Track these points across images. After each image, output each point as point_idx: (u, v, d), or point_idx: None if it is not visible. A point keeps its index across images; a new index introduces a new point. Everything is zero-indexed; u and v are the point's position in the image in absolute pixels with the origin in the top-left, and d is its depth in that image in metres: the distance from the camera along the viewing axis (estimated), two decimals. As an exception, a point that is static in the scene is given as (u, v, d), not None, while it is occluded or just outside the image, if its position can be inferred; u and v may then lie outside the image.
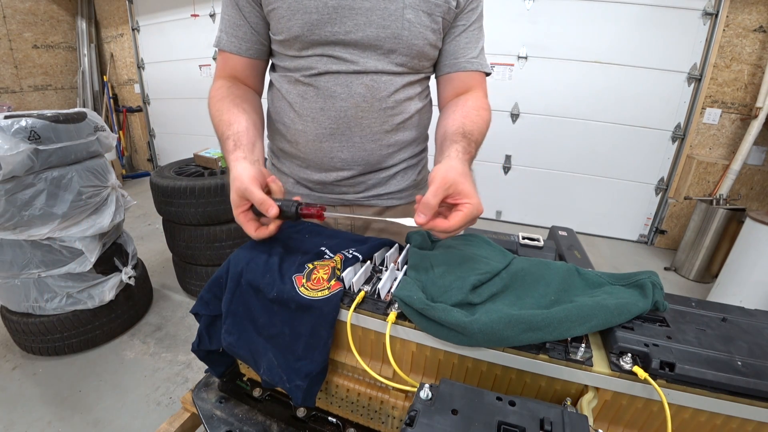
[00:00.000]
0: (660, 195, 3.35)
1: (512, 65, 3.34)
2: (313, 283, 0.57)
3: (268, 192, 0.62)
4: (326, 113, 0.76)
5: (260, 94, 0.87)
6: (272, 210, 0.58)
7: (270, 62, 0.87)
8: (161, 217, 2.23)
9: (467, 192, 0.55)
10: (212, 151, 2.36)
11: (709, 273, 2.80)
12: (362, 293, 0.55)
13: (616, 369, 0.45)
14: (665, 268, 3.02)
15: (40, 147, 1.54)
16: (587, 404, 0.45)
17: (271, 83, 0.86)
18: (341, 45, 0.72)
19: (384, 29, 0.71)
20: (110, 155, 4.08)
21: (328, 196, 0.86)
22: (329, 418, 0.65)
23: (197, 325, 0.67)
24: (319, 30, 0.71)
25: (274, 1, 0.72)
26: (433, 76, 0.88)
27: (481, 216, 0.57)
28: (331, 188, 0.85)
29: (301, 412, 0.66)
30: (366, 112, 0.76)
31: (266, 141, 0.91)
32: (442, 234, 0.56)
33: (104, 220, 1.78)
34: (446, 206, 0.58)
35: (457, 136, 0.69)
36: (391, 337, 0.52)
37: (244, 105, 0.76)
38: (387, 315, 0.52)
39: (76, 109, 1.78)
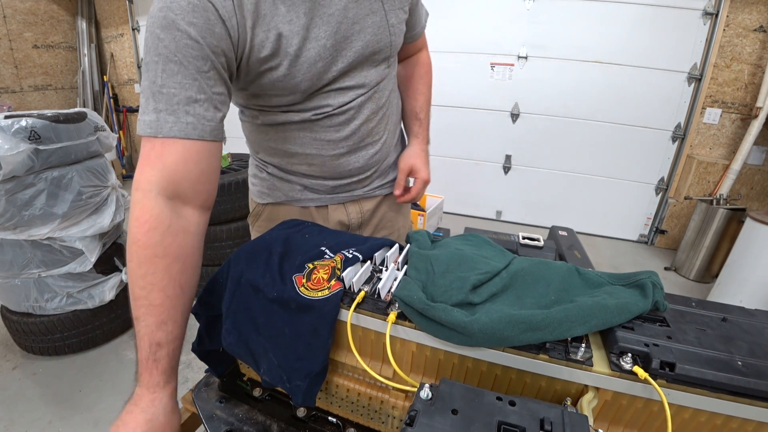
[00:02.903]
0: (660, 195, 3.35)
1: (512, 65, 3.34)
2: (313, 283, 0.57)
3: None
4: (341, 134, 0.77)
5: (209, 210, 0.65)
6: None
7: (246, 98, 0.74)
8: (161, 217, 2.23)
9: (418, 169, 0.88)
10: (212, 151, 2.36)
11: (710, 273, 2.80)
12: (362, 293, 0.55)
13: (617, 369, 0.45)
14: (665, 268, 3.02)
15: (41, 147, 1.54)
16: (587, 404, 0.45)
17: (251, 117, 0.78)
18: (345, 74, 0.72)
19: (377, 43, 0.72)
20: (110, 155, 4.07)
21: (338, 195, 0.88)
22: (329, 418, 0.65)
23: (197, 325, 0.67)
24: (326, 75, 0.69)
25: (267, 60, 0.62)
26: None
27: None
28: (342, 189, 0.87)
29: (301, 412, 0.66)
30: (374, 122, 0.79)
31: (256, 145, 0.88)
32: (411, 200, 0.90)
33: (104, 220, 1.78)
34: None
35: (412, 120, 0.93)
36: (391, 337, 0.52)
37: (182, 280, 0.57)
38: (387, 315, 0.52)
39: (77, 109, 1.78)
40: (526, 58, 3.29)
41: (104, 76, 4.94)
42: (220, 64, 0.58)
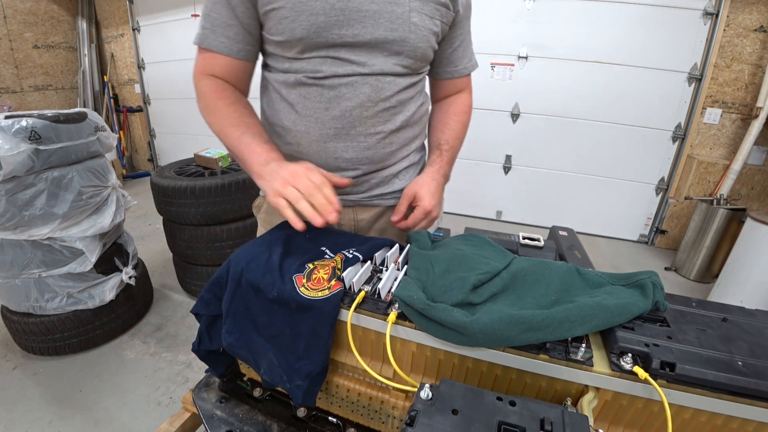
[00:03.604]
0: (660, 195, 3.34)
1: (512, 65, 3.34)
2: (314, 283, 0.57)
3: None
4: (330, 113, 0.75)
5: (248, 94, 0.85)
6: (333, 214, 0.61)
7: (262, 61, 0.84)
8: (162, 217, 2.23)
9: (421, 197, 0.79)
10: (213, 151, 2.36)
11: (710, 273, 2.80)
12: (362, 293, 0.55)
13: (617, 369, 0.45)
14: (666, 268, 3.01)
15: (41, 147, 1.54)
16: (587, 404, 0.45)
17: (265, 83, 0.84)
18: (347, 47, 0.71)
19: (392, 32, 0.71)
20: (111, 155, 4.08)
21: None
22: (329, 418, 0.65)
23: (198, 325, 0.67)
24: (326, 33, 0.69)
25: (275, 0, 0.69)
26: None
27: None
28: (335, 188, 0.84)
29: (301, 412, 0.66)
30: (370, 111, 0.76)
31: None
32: (407, 228, 0.80)
33: (105, 220, 1.78)
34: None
35: (433, 150, 0.89)
36: (391, 337, 0.52)
37: (253, 115, 0.79)
38: (387, 315, 0.52)
39: (77, 109, 1.78)
40: (526, 58, 3.29)
41: (104, 76, 4.94)
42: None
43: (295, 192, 0.62)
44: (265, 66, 0.84)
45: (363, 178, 0.84)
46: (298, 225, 0.60)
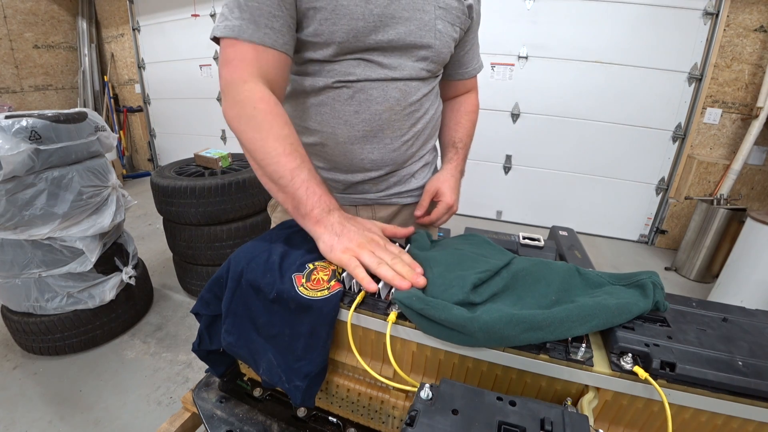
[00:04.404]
0: (660, 195, 3.34)
1: (512, 65, 3.34)
2: (313, 283, 0.57)
3: None
4: (360, 116, 0.76)
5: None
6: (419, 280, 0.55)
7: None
8: (162, 217, 2.23)
9: (443, 193, 0.85)
10: (213, 151, 2.36)
11: (710, 273, 2.80)
12: (363, 293, 0.55)
13: (617, 369, 0.45)
14: (666, 268, 3.01)
15: (41, 147, 1.54)
16: (588, 404, 0.45)
17: (294, 79, 0.82)
18: (380, 51, 0.73)
19: (420, 38, 0.74)
20: (111, 155, 4.09)
21: (350, 196, 0.87)
22: (330, 418, 0.65)
23: (198, 324, 0.67)
24: (364, 37, 0.70)
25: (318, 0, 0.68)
26: None
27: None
28: (355, 188, 0.86)
29: (301, 412, 0.66)
30: (398, 115, 0.78)
31: None
32: (431, 222, 0.86)
33: (105, 220, 1.78)
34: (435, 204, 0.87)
35: (449, 148, 0.94)
36: (391, 337, 0.52)
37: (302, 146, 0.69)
38: (387, 315, 0.52)
39: (77, 109, 1.78)
40: (526, 58, 3.29)
41: (104, 76, 4.94)
42: None
43: (374, 257, 0.58)
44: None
45: (383, 178, 0.85)
46: (371, 286, 0.54)
